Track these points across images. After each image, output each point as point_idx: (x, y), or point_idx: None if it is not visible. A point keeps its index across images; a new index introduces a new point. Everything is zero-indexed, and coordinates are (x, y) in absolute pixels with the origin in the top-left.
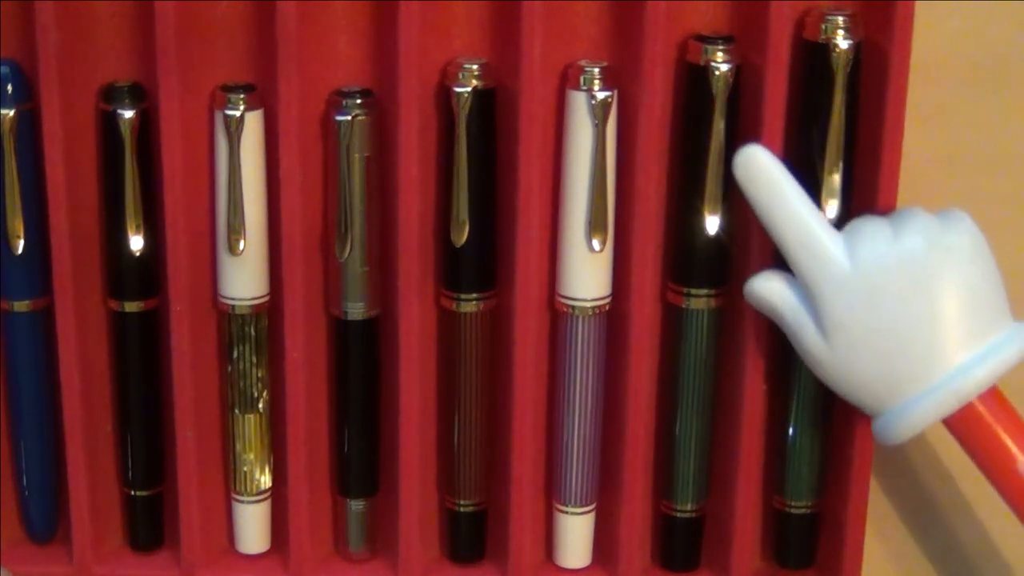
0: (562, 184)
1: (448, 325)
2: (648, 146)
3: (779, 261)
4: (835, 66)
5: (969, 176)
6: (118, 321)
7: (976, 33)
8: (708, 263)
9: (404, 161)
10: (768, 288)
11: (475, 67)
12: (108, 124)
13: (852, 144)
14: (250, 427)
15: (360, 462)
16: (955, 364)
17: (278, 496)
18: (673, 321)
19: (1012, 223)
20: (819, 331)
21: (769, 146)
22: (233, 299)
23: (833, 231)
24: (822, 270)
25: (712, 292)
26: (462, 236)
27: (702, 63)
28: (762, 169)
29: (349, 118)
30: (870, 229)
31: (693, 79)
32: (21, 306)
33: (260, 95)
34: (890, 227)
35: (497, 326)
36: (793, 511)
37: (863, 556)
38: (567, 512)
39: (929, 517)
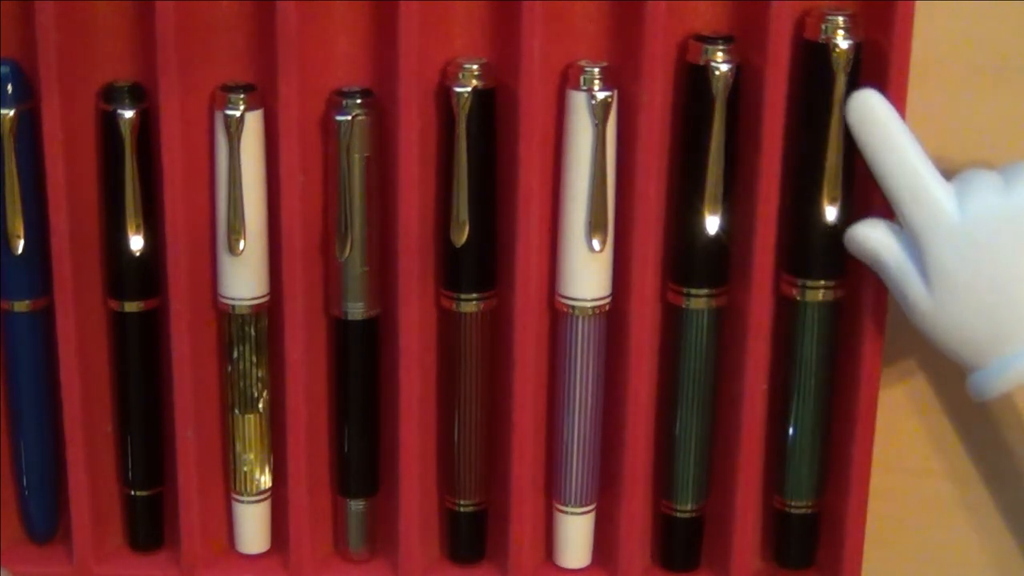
0: (562, 184)
1: (448, 325)
2: (648, 146)
3: (780, 262)
4: (835, 66)
5: None
6: (118, 321)
7: (976, 33)
8: (708, 263)
9: (404, 161)
10: (872, 236)
11: (475, 67)
12: (108, 124)
13: (852, 144)
14: (250, 427)
15: (360, 462)
16: None
17: (278, 496)
18: (673, 321)
19: None
20: (923, 281)
21: (769, 146)
22: (233, 299)
23: (943, 181)
24: (930, 219)
25: (712, 292)
26: (462, 236)
27: (702, 63)
28: (874, 113)
29: (349, 118)
30: (982, 181)
31: (693, 79)
32: (21, 306)
33: (260, 95)
34: (1002, 180)
35: (497, 326)
36: (793, 511)
37: (863, 556)
38: (567, 512)
39: (929, 517)
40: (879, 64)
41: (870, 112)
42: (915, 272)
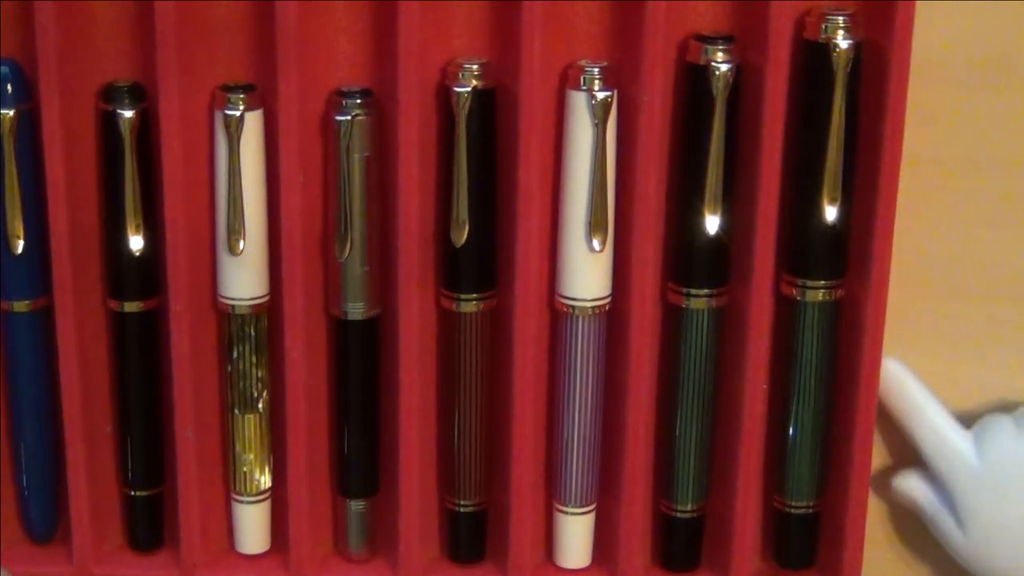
0: (562, 184)
1: (448, 325)
2: (648, 146)
3: (780, 262)
4: (835, 66)
5: (969, 176)
6: (118, 321)
7: (976, 33)
8: (708, 263)
9: (404, 161)
10: (910, 486)
11: (475, 67)
12: (108, 124)
13: (852, 144)
14: (250, 427)
15: (360, 462)
16: None
17: (278, 496)
18: (673, 321)
19: (1011, 223)
20: (957, 523)
21: (769, 146)
22: (233, 299)
23: (963, 432)
24: (954, 469)
25: (712, 292)
26: (462, 236)
27: (702, 63)
28: (898, 383)
29: (349, 118)
30: (997, 427)
31: (693, 79)
32: (21, 306)
33: (260, 95)
34: (1014, 424)
35: (497, 326)
36: (793, 511)
37: (863, 556)
38: (567, 512)
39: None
40: (879, 64)
41: (896, 383)
42: (948, 515)
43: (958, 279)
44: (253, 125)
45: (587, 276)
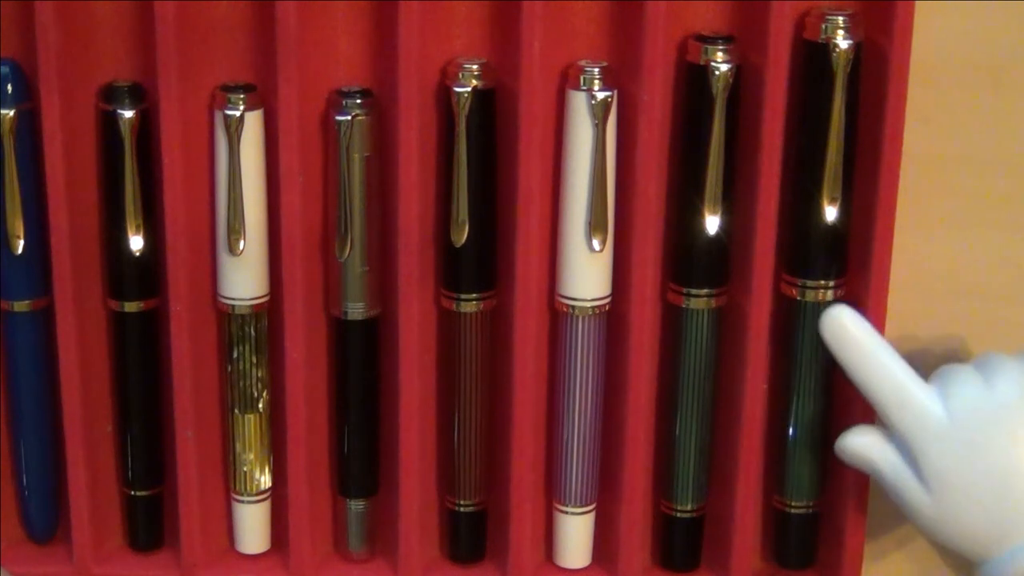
0: (562, 184)
1: (448, 325)
2: (648, 146)
3: (780, 262)
4: (835, 66)
5: (969, 176)
6: (118, 321)
7: (976, 33)
8: (708, 263)
9: (404, 161)
10: (864, 444)
11: (475, 67)
12: (108, 124)
13: (852, 144)
14: (250, 427)
15: (360, 462)
16: None
17: (278, 496)
18: (673, 321)
19: (1012, 223)
20: (920, 484)
21: (769, 146)
22: (233, 299)
23: (924, 384)
24: (919, 425)
25: (712, 292)
26: (462, 236)
27: (702, 63)
28: (849, 330)
29: (349, 118)
30: (961, 378)
31: (693, 79)
32: (21, 306)
33: (260, 95)
34: (980, 376)
35: (497, 326)
36: (793, 511)
37: (863, 556)
38: (567, 512)
39: None
40: (879, 64)
41: (843, 328)
42: (911, 476)
43: (958, 279)
44: (253, 125)
45: (587, 276)
